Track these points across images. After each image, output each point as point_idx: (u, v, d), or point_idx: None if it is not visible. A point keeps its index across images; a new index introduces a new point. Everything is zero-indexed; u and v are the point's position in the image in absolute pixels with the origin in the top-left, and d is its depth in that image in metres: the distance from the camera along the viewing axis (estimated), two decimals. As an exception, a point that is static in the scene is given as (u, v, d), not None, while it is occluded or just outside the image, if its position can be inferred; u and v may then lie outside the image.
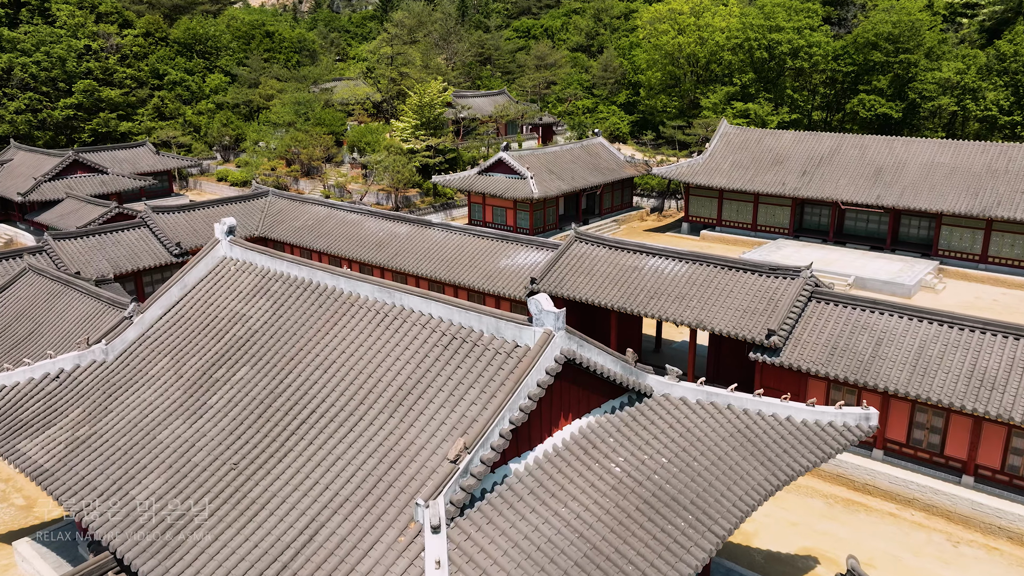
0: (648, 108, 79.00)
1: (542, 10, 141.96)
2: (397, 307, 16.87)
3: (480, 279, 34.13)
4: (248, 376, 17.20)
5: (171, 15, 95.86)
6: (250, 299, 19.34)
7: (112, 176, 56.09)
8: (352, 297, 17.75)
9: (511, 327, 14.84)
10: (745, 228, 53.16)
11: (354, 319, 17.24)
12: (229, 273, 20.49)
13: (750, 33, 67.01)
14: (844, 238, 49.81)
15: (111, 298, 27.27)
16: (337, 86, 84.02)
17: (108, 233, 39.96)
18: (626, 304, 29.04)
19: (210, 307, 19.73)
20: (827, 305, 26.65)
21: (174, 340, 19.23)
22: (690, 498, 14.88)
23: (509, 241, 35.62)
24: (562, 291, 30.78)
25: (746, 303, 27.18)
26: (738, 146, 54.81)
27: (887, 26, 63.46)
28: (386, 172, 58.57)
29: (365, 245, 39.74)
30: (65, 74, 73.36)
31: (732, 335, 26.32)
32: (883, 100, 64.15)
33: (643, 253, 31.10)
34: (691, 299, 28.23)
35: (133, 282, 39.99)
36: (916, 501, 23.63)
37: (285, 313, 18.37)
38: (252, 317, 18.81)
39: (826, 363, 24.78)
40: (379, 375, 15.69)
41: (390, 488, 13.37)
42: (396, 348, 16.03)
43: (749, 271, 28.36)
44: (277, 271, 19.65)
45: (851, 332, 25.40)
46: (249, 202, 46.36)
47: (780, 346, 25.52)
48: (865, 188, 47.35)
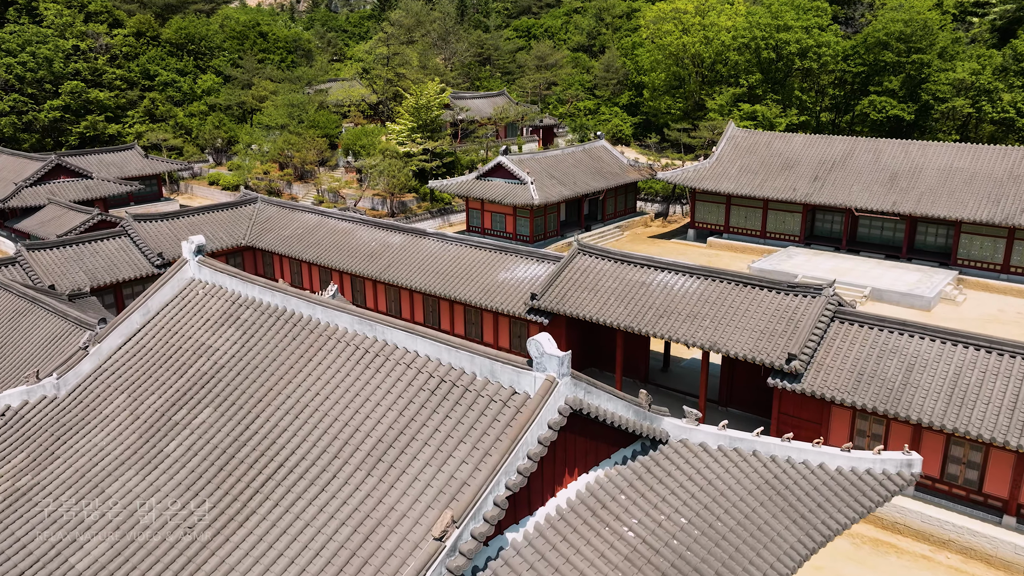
0: (652, 110, 76.94)
1: (542, 9, 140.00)
2: (379, 342, 14.89)
3: (477, 293, 32.15)
4: (211, 420, 15.21)
5: (163, 14, 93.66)
6: (218, 328, 17.35)
7: (97, 181, 54.10)
8: (329, 329, 15.77)
9: (508, 370, 12.85)
10: (754, 235, 51.14)
11: (331, 355, 15.25)
12: (196, 298, 18.50)
13: (757, 32, 64.94)
14: (858, 246, 47.80)
15: (78, 318, 25.30)
16: (332, 87, 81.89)
17: (86, 243, 38.07)
18: (633, 323, 27.05)
19: (174, 336, 17.73)
20: (852, 326, 24.66)
21: (133, 374, 17.23)
22: (715, 568, 12.88)
23: (508, 253, 33.63)
24: (564, 308, 28.79)
25: (763, 323, 25.19)
26: (746, 150, 52.81)
27: (899, 25, 61.43)
28: (381, 176, 56.56)
29: (357, 256, 37.77)
30: (52, 75, 71.21)
31: (749, 359, 24.34)
32: (894, 102, 62.09)
33: (651, 267, 29.11)
34: (703, 318, 26.24)
35: (113, 294, 38.06)
36: (952, 543, 21.64)
37: (255, 346, 16.38)
38: (219, 349, 16.81)
39: (852, 391, 22.78)
40: (357, 423, 13.70)
41: (365, 566, 11.37)
42: (377, 391, 14.04)
43: (766, 288, 26.38)
44: (248, 297, 17.66)
45: (879, 356, 23.39)
46: (236, 209, 44.37)
47: (801, 372, 23.53)
48: (880, 194, 45.34)
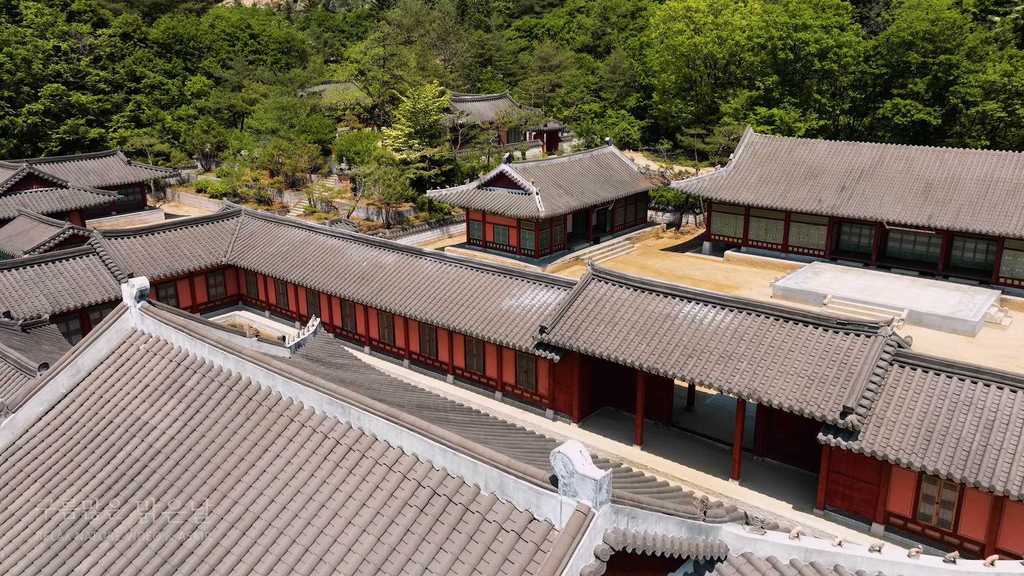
0: (661, 113, 73.50)
1: (545, 8, 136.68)
2: (353, 431, 11.50)
3: (479, 323, 28.74)
4: (137, 529, 11.79)
5: (151, 13, 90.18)
6: (158, 399, 13.95)
7: (72, 191, 50.68)
8: (292, 408, 12.37)
9: (523, 488, 9.47)
10: (775, 249, 47.69)
11: (292, 444, 11.85)
12: (137, 355, 15.10)
13: (773, 32, 61.49)
14: (888, 261, 44.34)
15: (18, 361, 21.92)
16: (326, 90, 78.43)
17: (50, 263, 34.65)
18: (658, 364, 23.64)
19: (105, 406, 14.34)
20: (915, 371, 21.24)
21: (51, 456, 13.83)
22: None
23: (514, 277, 30.22)
24: (578, 343, 25.38)
25: (810, 368, 21.77)
26: (766, 157, 49.38)
27: (924, 24, 57.98)
28: (376, 185, 53.14)
29: (346, 277, 34.37)
30: (31, 77, 67.75)
31: (796, 411, 20.91)
32: (919, 105, 58.63)
33: (677, 297, 25.70)
34: (739, 359, 22.82)
35: (79, 319, 34.66)
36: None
37: (200, 426, 12.98)
38: (157, 428, 13.41)
39: (921, 452, 19.34)
40: (319, 551, 10.29)
41: None
42: (348, 504, 10.64)
43: (811, 324, 22.98)
44: (197, 358, 14.27)
45: (950, 410, 19.97)
46: (218, 223, 40.95)
47: (859, 427, 20.11)
48: (914, 207, 41.89)
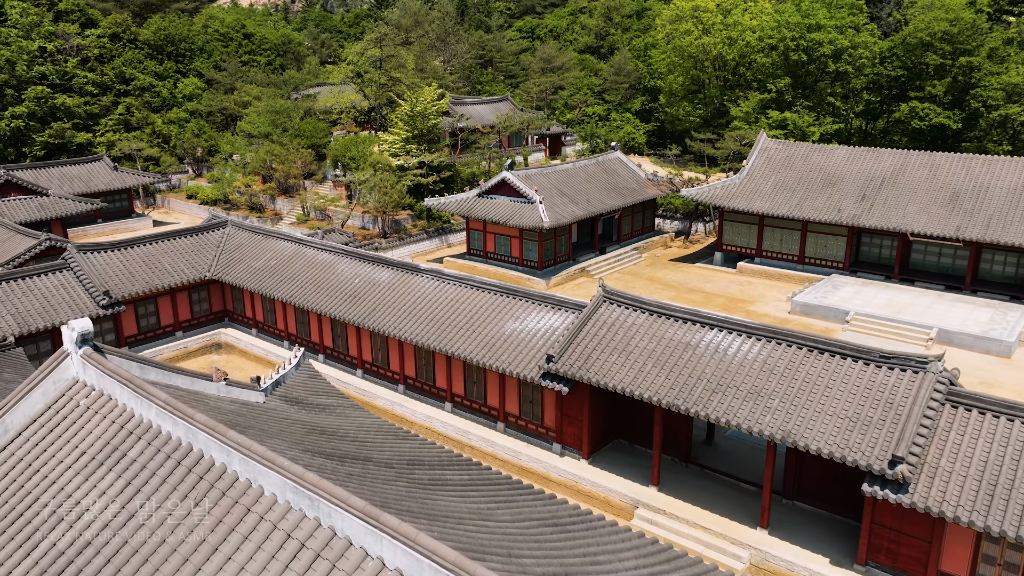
0: (668, 116, 71.15)
1: (547, 9, 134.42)
2: (323, 531, 9.16)
3: (480, 349, 26.38)
4: (53, 653, 9.47)
5: (142, 14, 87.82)
6: (94, 471, 11.62)
7: (53, 198, 48.36)
8: (250, 495, 10.03)
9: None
10: (790, 260, 45.33)
11: (248, 544, 9.51)
12: (75, 413, 12.77)
13: (786, 32, 59.14)
14: (912, 275, 41.95)
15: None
16: (321, 92, 76.09)
17: (19, 279, 32.28)
18: (678, 400, 21.30)
19: (33, 478, 12.02)
20: (969, 412, 18.89)
21: (-35, 542, 11.49)
22: None
23: (518, 297, 27.85)
24: (588, 375, 23.03)
25: (851, 408, 19.42)
26: (780, 164, 47.03)
27: (942, 24, 55.67)
28: (372, 192, 50.80)
29: (338, 295, 32.02)
30: (15, 79, 65.36)
31: (838, 459, 18.56)
32: (938, 108, 56.30)
33: (698, 323, 23.35)
34: (770, 397, 20.47)
35: (50, 340, 32.30)
36: None
37: (139, 512, 10.64)
38: (89, 510, 11.07)
39: (984, 509, 16.98)
40: None
41: None
42: (313, 636, 8.31)
43: (850, 356, 20.63)
44: (144, 421, 11.94)
45: (1014, 459, 17.62)
46: (203, 235, 38.60)
47: (909, 479, 17.75)
48: (941, 217, 39.53)
